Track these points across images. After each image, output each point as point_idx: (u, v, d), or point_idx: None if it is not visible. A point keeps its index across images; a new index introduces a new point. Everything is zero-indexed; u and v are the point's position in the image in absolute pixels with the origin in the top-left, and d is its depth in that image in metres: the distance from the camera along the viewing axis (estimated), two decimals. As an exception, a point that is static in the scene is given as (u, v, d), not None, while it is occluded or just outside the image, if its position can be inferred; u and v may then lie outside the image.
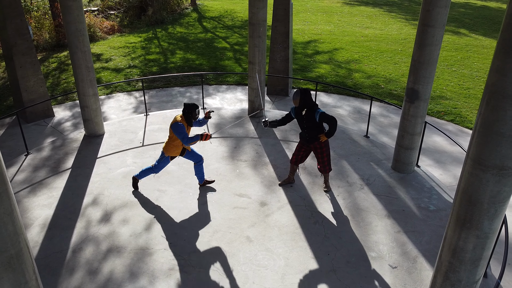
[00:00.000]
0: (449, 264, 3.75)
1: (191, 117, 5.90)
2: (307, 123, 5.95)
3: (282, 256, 5.32)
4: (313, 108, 5.89)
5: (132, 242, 5.53)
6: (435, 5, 5.90)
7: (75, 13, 7.08)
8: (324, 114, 5.82)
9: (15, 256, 2.62)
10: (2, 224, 2.49)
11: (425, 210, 6.22)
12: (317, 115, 5.84)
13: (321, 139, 6.06)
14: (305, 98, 5.83)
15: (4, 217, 2.49)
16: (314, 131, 6.01)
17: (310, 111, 5.88)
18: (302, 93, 5.82)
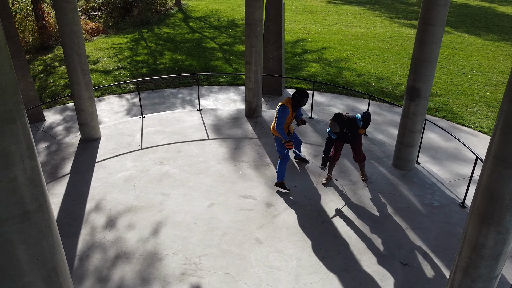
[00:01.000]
0: (469, 260, 3.79)
1: (299, 103, 6.13)
2: (351, 134, 6.44)
3: (294, 256, 5.31)
4: (351, 120, 6.32)
5: (140, 248, 5.43)
6: (435, 4, 5.97)
7: (69, 14, 6.91)
8: (362, 116, 6.44)
9: (54, 269, 2.54)
10: (43, 236, 2.41)
11: (429, 207, 6.30)
12: (359, 121, 6.37)
13: (360, 132, 6.60)
14: (343, 125, 6.09)
15: (45, 229, 2.42)
16: (357, 133, 6.51)
17: (350, 123, 6.31)
18: (340, 122, 6.03)
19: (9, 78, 2.15)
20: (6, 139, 2.15)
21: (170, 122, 8.77)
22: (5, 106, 2.12)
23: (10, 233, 2.29)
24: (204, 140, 8.07)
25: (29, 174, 2.29)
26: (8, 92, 2.13)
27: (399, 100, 11.33)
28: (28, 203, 2.31)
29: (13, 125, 2.16)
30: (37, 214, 2.37)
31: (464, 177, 7.68)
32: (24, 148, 2.25)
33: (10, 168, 2.20)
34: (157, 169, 7.12)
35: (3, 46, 2.09)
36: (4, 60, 2.11)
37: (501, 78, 13.22)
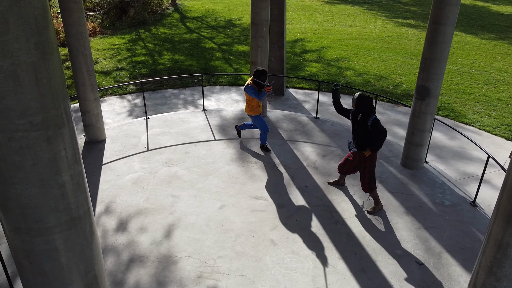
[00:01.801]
0: (494, 260, 3.78)
1: (261, 80, 6.91)
2: (359, 129, 5.73)
3: (309, 258, 5.28)
4: (369, 114, 5.63)
5: (154, 251, 5.36)
6: (446, 3, 5.98)
7: (76, 15, 6.82)
8: (377, 121, 5.55)
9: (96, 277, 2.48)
10: (87, 244, 2.36)
11: (440, 206, 6.30)
12: (370, 121, 5.57)
13: (365, 154, 5.76)
14: (362, 103, 5.58)
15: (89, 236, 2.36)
16: (364, 139, 5.75)
17: (365, 117, 5.64)
18: (360, 98, 5.59)
19: (61, 81, 2.09)
20: (57, 144, 2.09)
21: (175, 123, 8.70)
22: (57, 110, 2.06)
23: (58, 240, 2.22)
24: (210, 141, 8.01)
25: (76, 179, 2.23)
26: (60, 96, 2.08)
27: (401, 99, 11.35)
28: (75, 209, 2.24)
29: (63, 129, 2.10)
30: (83, 220, 2.30)
31: (470, 175, 7.71)
32: (73, 153, 2.19)
33: (60, 173, 2.13)
34: (165, 170, 7.05)
35: (55, 48, 2.04)
36: (56, 63, 2.06)
37: (500, 76, 13.31)
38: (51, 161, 2.09)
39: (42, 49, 1.93)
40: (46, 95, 2.00)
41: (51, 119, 2.05)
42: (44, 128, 2.03)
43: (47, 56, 1.97)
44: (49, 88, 2.01)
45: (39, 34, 1.91)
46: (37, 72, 1.94)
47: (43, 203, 2.13)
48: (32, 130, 1.99)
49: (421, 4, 26.49)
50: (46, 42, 1.95)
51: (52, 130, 2.04)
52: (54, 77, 2.03)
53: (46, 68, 1.97)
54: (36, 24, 1.88)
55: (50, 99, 2.01)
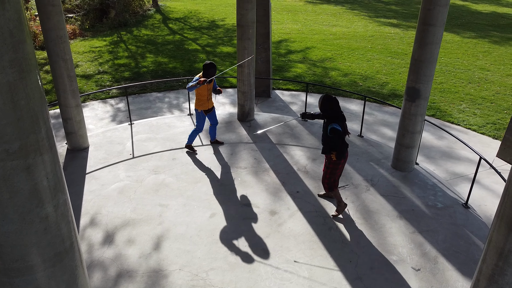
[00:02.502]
0: (495, 267, 3.70)
1: (208, 74, 6.81)
2: (323, 131, 5.64)
3: (304, 267, 5.14)
4: (331, 119, 5.46)
5: (143, 264, 5.15)
6: (436, 4, 5.92)
7: (55, 18, 6.54)
8: (334, 131, 5.36)
9: None
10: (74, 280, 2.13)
11: (433, 208, 6.25)
12: (329, 128, 5.41)
13: (332, 157, 5.64)
14: (325, 105, 5.43)
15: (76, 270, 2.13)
16: (326, 142, 5.62)
17: (328, 120, 5.48)
18: (323, 99, 5.46)
19: (41, 102, 1.86)
20: (38, 173, 1.85)
21: (161, 128, 8.47)
22: (38, 134, 1.83)
23: (40, 279, 1.99)
24: (198, 146, 7.81)
25: (61, 210, 2.00)
26: (40, 118, 1.85)
27: (387, 99, 11.34)
28: (60, 243, 2.01)
29: (45, 156, 1.86)
30: (69, 254, 2.08)
31: (460, 175, 7.69)
32: (56, 180, 1.96)
33: (42, 205, 1.90)
34: (153, 178, 6.83)
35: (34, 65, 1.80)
36: (34, 82, 1.81)
37: (482, 75, 13.44)
38: (32, 193, 1.85)
39: (18, 67, 1.70)
40: (24, 119, 1.76)
41: (31, 146, 1.82)
42: (23, 156, 1.80)
43: (24, 75, 1.73)
44: (28, 111, 1.78)
45: (15, 50, 1.68)
46: (13, 94, 1.71)
47: (23, 240, 1.89)
48: (8, 159, 1.76)
49: (402, 3, 26.71)
50: (23, 59, 1.72)
51: (32, 157, 1.81)
52: (33, 98, 1.79)
53: (24, 88, 1.74)
54: (11, 38, 1.65)
55: (29, 123, 1.78)
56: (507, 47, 16.90)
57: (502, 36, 18.73)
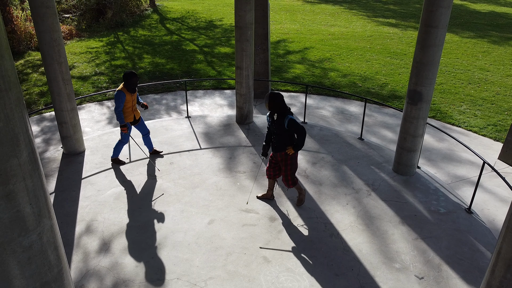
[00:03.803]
0: (504, 280, 3.59)
1: (130, 84, 6.48)
2: (277, 129, 5.53)
3: (305, 275, 5.02)
4: (284, 113, 5.46)
5: (140, 274, 5.02)
6: (438, 6, 5.80)
7: (49, 20, 6.39)
8: (293, 121, 5.38)
9: None
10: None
11: (436, 214, 6.14)
12: (286, 121, 5.40)
13: (288, 152, 5.59)
14: (274, 102, 5.41)
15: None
16: (282, 139, 5.56)
17: (280, 117, 5.46)
18: (271, 97, 5.42)
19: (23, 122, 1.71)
20: (20, 199, 1.70)
21: (158, 131, 8.33)
22: (19, 158, 1.68)
23: None
24: (196, 150, 7.68)
25: (47, 236, 1.86)
26: (21, 141, 1.70)
27: (387, 100, 11.23)
28: (46, 272, 1.86)
29: (28, 180, 1.71)
30: (57, 282, 1.93)
31: (461, 179, 7.59)
32: (41, 206, 1.81)
33: (25, 234, 1.75)
34: (150, 183, 6.70)
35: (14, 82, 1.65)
36: (14, 100, 1.66)
37: (482, 75, 13.35)
38: (12, 221, 1.70)
39: None
40: (2, 143, 1.62)
41: (11, 171, 1.67)
42: (2, 182, 1.65)
43: (2, 94, 1.59)
44: (6, 133, 1.63)
45: None
46: None
47: (4, 272, 1.74)
48: None
49: (400, 3, 26.62)
50: (1, 76, 1.57)
51: (12, 183, 1.66)
52: (13, 119, 1.64)
53: (2, 108, 1.59)
54: None
55: (9, 147, 1.62)
56: (506, 47, 16.82)
57: (501, 36, 18.65)
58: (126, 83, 6.47)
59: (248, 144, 7.91)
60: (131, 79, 6.44)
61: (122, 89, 6.49)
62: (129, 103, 6.62)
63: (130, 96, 6.58)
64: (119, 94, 6.43)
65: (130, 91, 6.54)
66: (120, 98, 6.43)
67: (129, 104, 6.63)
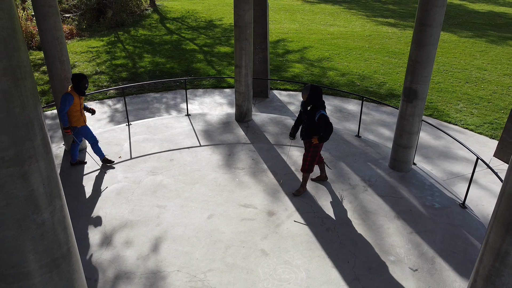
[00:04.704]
0: (492, 268, 3.72)
1: (79, 87, 6.40)
2: (307, 119, 6.00)
3: (302, 268, 5.15)
4: (317, 107, 5.89)
5: (141, 266, 5.15)
6: (433, 5, 5.93)
7: (51, 19, 6.52)
8: (324, 116, 5.81)
9: None
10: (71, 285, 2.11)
11: (431, 209, 6.27)
12: (318, 114, 5.83)
13: (312, 141, 6.04)
14: (313, 94, 5.83)
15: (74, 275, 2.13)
16: (310, 129, 6.03)
17: (314, 109, 5.91)
18: (312, 89, 5.84)
19: (37, 109, 1.86)
20: (34, 180, 1.85)
21: (158, 129, 8.46)
22: (33, 141, 1.83)
23: (38, 285, 1.99)
24: (196, 147, 7.81)
25: (58, 215, 2.01)
26: (36, 126, 1.85)
27: (385, 99, 11.35)
28: (57, 249, 2.01)
29: (41, 162, 1.87)
30: (66, 259, 2.08)
31: (457, 175, 7.72)
32: (53, 186, 1.96)
33: (38, 212, 1.90)
34: (150, 179, 6.83)
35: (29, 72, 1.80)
36: (29, 89, 1.82)
37: (480, 74, 13.48)
38: (28, 199, 1.86)
39: (12, 75, 1.70)
40: (19, 127, 1.77)
41: (26, 153, 1.82)
42: (18, 163, 1.80)
43: (19, 83, 1.74)
44: (23, 118, 1.79)
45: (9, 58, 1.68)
46: (8, 102, 1.72)
47: (19, 246, 1.90)
48: (4, 166, 1.77)
49: (399, 2, 26.75)
50: (17, 66, 1.72)
51: (27, 164, 1.82)
52: (28, 106, 1.79)
53: (19, 96, 1.74)
54: (5, 46, 1.65)
55: (24, 131, 1.78)
56: (504, 46, 16.95)
57: (499, 35, 18.77)
58: (76, 85, 6.37)
59: (247, 142, 8.04)
60: (80, 82, 6.33)
61: (71, 91, 6.42)
62: (77, 106, 6.52)
63: (78, 99, 6.51)
64: (67, 96, 6.33)
65: (79, 94, 6.46)
66: (68, 100, 6.33)
67: (77, 107, 6.53)
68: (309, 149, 6.15)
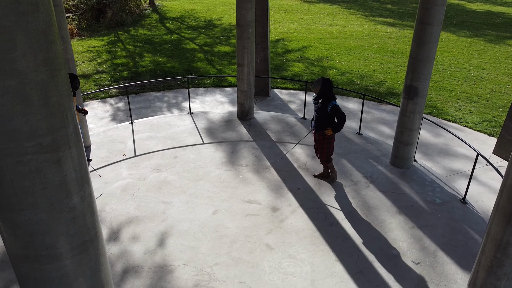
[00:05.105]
0: (494, 259, 3.82)
1: (71, 87, 6.47)
2: (319, 111, 6.16)
3: (307, 261, 5.25)
4: (329, 99, 6.07)
5: (148, 260, 5.23)
6: (433, 4, 6.03)
7: (57, 18, 6.60)
8: (336, 107, 6.02)
9: None
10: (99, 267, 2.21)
11: (432, 204, 6.37)
12: (330, 106, 6.03)
13: (326, 132, 6.21)
14: (325, 86, 6.01)
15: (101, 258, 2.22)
16: (323, 121, 6.20)
17: (326, 101, 6.08)
18: (323, 81, 6.01)
19: (69, 99, 1.96)
20: (67, 166, 1.95)
21: (161, 127, 8.54)
22: (67, 129, 1.93)
23: (69, 266, 2.09)
24: (199, 145, 7.90)
25: (87, 201, 2.10)
26: (69, 114, 1.95)
27: (385, 97, 11.46)
28: (86, 232, 2.11)
29: (73, 149, 1.97)
30: (94, 243, 2.18)
31: (457, 172, 7.83)
32: (82, 173, 2.06)
33: (70, 196, 2.00)
34: (155, 176, 6.91)
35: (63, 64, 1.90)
36: (64, 79, 1.92)
37: (478, 73, 13.61)
38: (62, 184, 1.96)
39: (50, 66, 1.81)
40: (55, 115, 1.87)
41: (61, 140, 1.93)
42: (54, 149, 1.91)
43: (55, 73, 1.84)
44: (58, 107, 1.89)
45: (47, 50, 1.79)
46: (46, 91, 1.82)
47: (53, 228, 2.00)
48: (41, 152, 1.87)
49: (397, 2, 26.89)
50: (54, 58, 1.83)
51: (62, 151, 1.92)
52: (63, 95, 1.90)
53: (55, 85, 1.85)
54: (44, 39, 1.75)
55: (60, 119, 1.88)
56: (502, 45, 17.10)
57: (497, 34, 18.92)
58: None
59: (249, 139, 8.13)
60: (72, 82, 6.17)
61: None
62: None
63: (74, 98, 6.39)
64: None
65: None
66: None
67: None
68: (324, 141, 6.33)
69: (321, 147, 6.44)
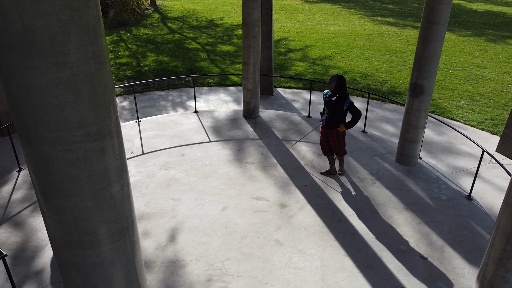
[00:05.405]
0: (504, 252, 3.90)
1: None
2: (334, 109, 6.31)
3: (317, 256, 5.32)
4: (344, 96, 6.24)
5: (160, 256, 5.30)
6: (439, 3, 6.11)
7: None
8: (353, 104, 6.23)
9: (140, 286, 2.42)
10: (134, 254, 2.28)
11: (438, 200, 6.46)
12: (346, 104, 6.22)
13: (339, 129, 6.42)
14: (340, 84, 6.17)
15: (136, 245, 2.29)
16: (337, 118, 6.37)
17: (341, 98, 6.24)
18: (339, 79, 6.17)
19: (112, 91, 2.04)
20: (110, 155, 2.04)
21: (168, 126, 8.61)
22: (111, 119, 2.01)
23: (109, 252, 2.17)
24: (206, 143, 7.97)
25: (126, 189, 2.18)
26: (112, 106, 2.03)
27: (387, 96, 11.55)
28: (124, 219, 2.19)
29: (115, 139, 2.05)
30: (130, 230, 2.26)
31: (461, 169, 7.91)
32: (122, 162, 2.14)
33: (112, 184, 2.08)
34: (163, 174, 6.98)
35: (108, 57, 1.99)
36: (108, 72, 2.02)
37: (480, 72, 13.71)
38: (105, 172, 2.04)
39: (98, 59, 1.90)
40: (101, 106, 1.96)
41: (105, 130, 2.02)
42: (99, 138, 1.99)
43: (102, 66, 1.93)
44: (104, 99, 1.98)
45: (96, 43, 1.87)
46: (94, 83, 1.91)
47: (96, 215, 2.08)
48: (88, 141, 1.95)
49: (398, 2, 27.00)
50: (101, 51, 1.92)
51: (106, 140, 2.00)
52: (107, 87, 1.99)
53: (102, 78, 1.94)
54: (94, 33, 1.84)
55: (104, 109, 1.97)
56: (502, 45, 17.21)
57: (497, 34, 19.04)
58: None
59: (255, 137, 8.21)
60: None
61: None
62: None
63: None
64: None
65: None
66: None
67: None
68: (338, 137, 6.53)
69: (337, 143, 6.61)
